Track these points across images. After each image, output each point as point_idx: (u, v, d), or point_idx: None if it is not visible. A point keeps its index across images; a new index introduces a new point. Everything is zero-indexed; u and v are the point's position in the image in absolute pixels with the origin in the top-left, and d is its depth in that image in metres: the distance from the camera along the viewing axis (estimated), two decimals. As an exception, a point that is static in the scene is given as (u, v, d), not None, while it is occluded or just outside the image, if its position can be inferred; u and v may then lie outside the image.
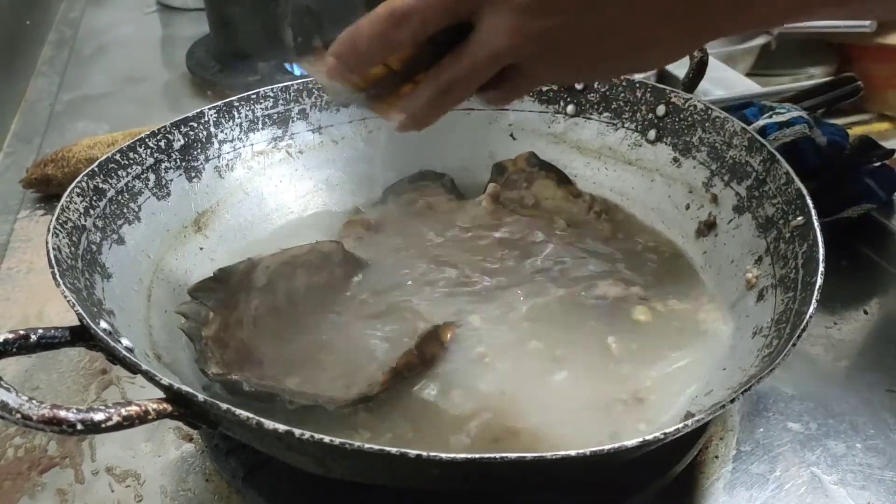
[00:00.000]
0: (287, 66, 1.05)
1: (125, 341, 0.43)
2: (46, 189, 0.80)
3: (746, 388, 0.39)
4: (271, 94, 0.66)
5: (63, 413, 0.33)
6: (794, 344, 0.40)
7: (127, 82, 1.10)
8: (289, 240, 0.62)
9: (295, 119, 0.67)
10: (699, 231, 0.59)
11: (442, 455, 0.34)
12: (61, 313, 0.65)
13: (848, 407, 0.54)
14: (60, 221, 0.48)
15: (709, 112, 0.60)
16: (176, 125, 0.61)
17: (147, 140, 0.58)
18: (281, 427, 0.35)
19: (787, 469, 0.50)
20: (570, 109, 0.68)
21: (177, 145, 0.60)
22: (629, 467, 0.42)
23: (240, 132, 0.64)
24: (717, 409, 0.39)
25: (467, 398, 0.49)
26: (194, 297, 0.52)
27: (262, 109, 0.66)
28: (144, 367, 0.38)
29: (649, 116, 0.64)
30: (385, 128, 0.70)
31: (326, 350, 0.53)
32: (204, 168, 0.62)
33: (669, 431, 0.37)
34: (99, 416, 0.34)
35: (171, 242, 0.58)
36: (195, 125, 0.62)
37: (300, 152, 0.67)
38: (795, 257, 0.48)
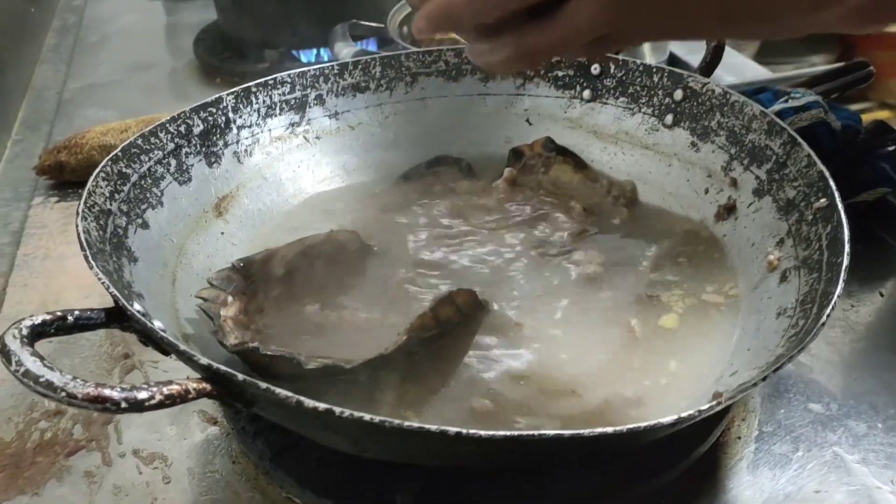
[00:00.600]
0: (294, 53, 1.05)
1: (157, 323, 0.43)
2: (60, 176, 0.80)
3: (778, 367, 0.39)
4: (288, 80, 0.66)
5: (107, 392, 0.34)
6: (824, 323, 0.41)
7: (134, 70, 1.10)
8: (307, 226, 0.63)
9: (312, 104, 0.67)
10: (719, 215, 0.59)
11: (481, 433, 0.35)
12: (80, 299, 0.66)
13: (867, 388, 0.54)
14: (88, 205, 0.48)
15: (727, 96, 0.60)
16: (195, 110, 0.61)
17: (168, 125, 0.58)
18: (321, 405, 0.35)
19: (810, 449, 0.50)
20: (587, 94, 0.68)
21: (196, 130, 0.60)
22: (656, 447, 0.42)
23: (258, 118, 0.65)
24: (749, 387, 0.39)
25: (489, 375, 0.49)
26: (213, 285, 0.53)
27: (280, 95, 0.66)
28: (182, 348, 0.38)
29: (666, 101, 0.64)
30: (401, 113, 0.70)
31: (345, 336, 0.53)
32: (223, 153, 0.62)
33: (703, 409, 0.38)
34: (142, 395, 0.35)
35: (193, 227, 0.58)
36: (214, 111, 0.62)
37: (317, 138, 0.67)
38: (819, 239, 0.49)
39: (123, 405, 0.34)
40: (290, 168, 0.66)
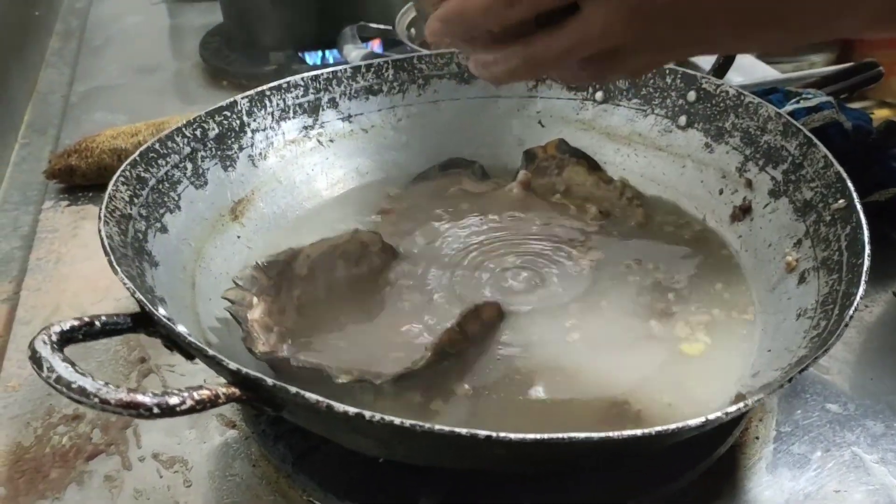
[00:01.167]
0: (300, 55, 1.05)
1: (181, 328, 0.43)
2: (70, 179, 0.80)
3: (803, 368, 0.39)
4: (301, 83, 0.66)
5: (140, 397, 0.34)
6: (847, 324, 0.41)
7: (140, 73, 1.10)
8: (324, 228, 0.63)
9: (325, 107, 0.67)
10: (734, 216, 0.59)
11: (511, 436, 0.35)
12: (94, 303, 0.66)
13: (884, 387, 0.55)
14: (109, 210, 0.48)
15: (741, 97, 0.61)
16: (210, 114, 0.61)
17: (183, 129, 0.58)
18: (351, 410, 0.35)
19: (828, 449, 0.51)
20: (599, 96, 0.68)
21: (211, 134, 0.61)
22: (677, 448, 0.43)
23: (272, 121, 0.65)
24: (776, 388, 0.39)
25: (508, 381, 0.50)
26: (238, 285, 0.53)
27: (293, 98, 0.66)
28: (211, 353, 0.38)
29: (679, 102, 0.65)
30: (414, 116, 0.70)
31: (368, 336, 0.53)
32: (238, 157, 0.62)
33: (731, 411, 0.38)
34: (174, 400, 0.35)
35: (210, 231, 0.58)
36: (228, 114, 0.62)
37: (331, 141, 0.67)
38: (838, 239, 0.49)
39: (156, 410, 0.34)
40: (304, 171, 0.66)
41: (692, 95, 0.64)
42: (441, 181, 0.68)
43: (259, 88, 0.64)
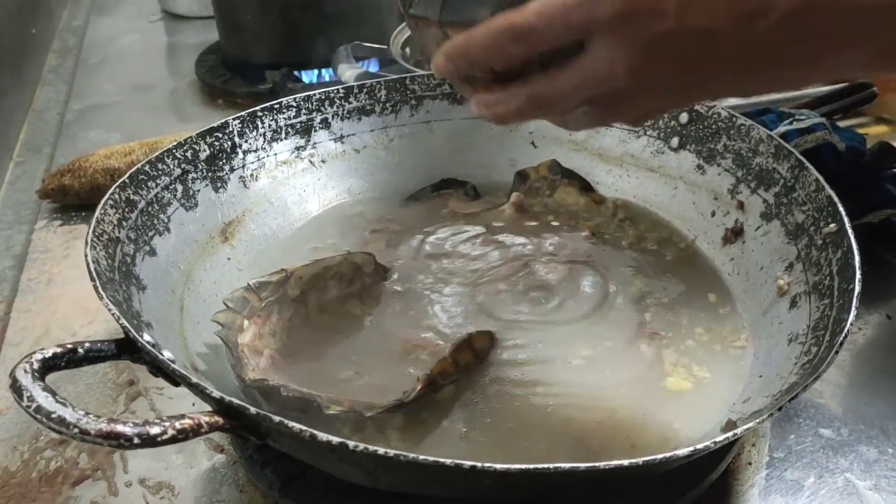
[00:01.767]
0: (296, 73, 1.05)
1: (167, 353, 0.43)
2: (63, 199, 0.80)
3: (793, 396, 0.39)
4: (294, 104, 0.66)
5: (120, 427, 0.33)
6: (838, 351, 0.41)
7: (136, 91, 1.10)
8: (314, 250, 0.63)
9: (317, 128, 0.67)
10: (726, 238, 0.59)
11: (496, 466, 0.34)
12: (84, 325, 0.65)
13: (877, 412, 0.54)
14: (96, 234, 0.48)
15: (733, 119, 0.60)
16: (202, 136, 0.61)
17: (174, 151, 0.58)
18: (335, 439, 0.35)
19: (821, 475, 0.50)
20: (592, 117, 0.68)
21: (203, 156, 0.60)
22: (669, 475, 0.42)
23: (263, 142, 0.65)
24: (765, 418, 0.39)
25: (501, 406, 0.49)
26: (228, 307, 0.52)
27: (285, 119, 0.66)
28: (195, 380, 0.38)
29: (672, 124, 0.64)
30: (407, 136, 0.70)
31: (359, 360, 0.53)
32: (229, 178, 0.62)
33: (719, 440, 0.37)
34: (154, 430, 0.34)
35: (200, 253, 0.58)
36: (220, 135, 0.62)
37: (323, 161, 0.67)
38: (829, 264, 0.49)
39: (136, 441, 0.34)
40: (296, 192, 0.66)
41: (684, 117, 0.64)
42: (433, 202, 0.68)
43: (251, 109, 0.64)
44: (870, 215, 0.66)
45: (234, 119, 0.63)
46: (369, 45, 0.95)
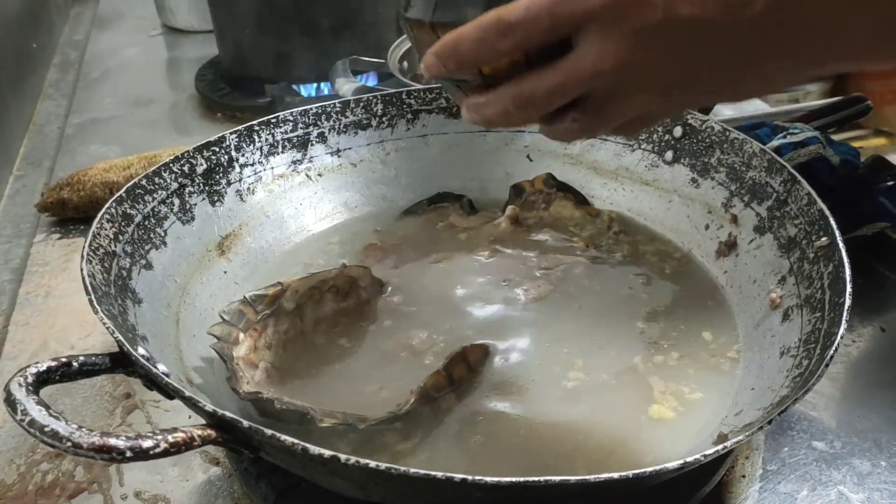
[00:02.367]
0: (294, 87, 1.06)
1: (161, 367, 0.43)
2: (62, 213, 0.80)
3: (783, 409, 0.39)
4: (290, 118, 0.67)
5: (113, 441, 0.34)
6: (828, 364, 0.41)
7: (135, 105, 1.11)
8: (310, 263, 0.63)
9: (314, 142, 0.68)
10: (720, 251, 0.59)
11: (487, 479, 0.35)
12: (82, 338, 0.66)
13: (871, 425, 0.54)
14: (92, 248, 0.48)
15: (727, 133, 0.61)
16: (199, 150, 0.61)
17: (171, 165, 0.59)
18: (326, 452, 0.35)
19: (814, 488, 0.50)
20: (587, 131, 0.68)
21: (199, 169, 0.61)
22: (661, 488, 0.42)
23: (260, 156, 0.65)
24: (754, 431, 0.39)
25: (492, 420, 0.49)
26: (224, 320, 0.53)
27: (282, 133, 0.66)
28: (188, 394, 0.38)
29: (666, 138, 0.65)
30: (403, 150, 0.70)
31: (354, 373, 0.53)
32: (226, 192, 0.63)
33: (709, 453, 0.38)
34: (147, 444, 0.35)
35: (196, 266, 0.58)
36: (217, 149, 0.62)
37: (319, 175, 0.68)
38: (821, 277, 0.49)
39: (129, 454, 0.34)
40: (293, 205, 0.66)
41: (678, 131, 0.64)
42: (429, 215, 0.68)
43: (248, 124, 0.65)
44: (864, 228, 0.66)
45: (231, 133, 0.63)
46: (367, 60, 0.96)
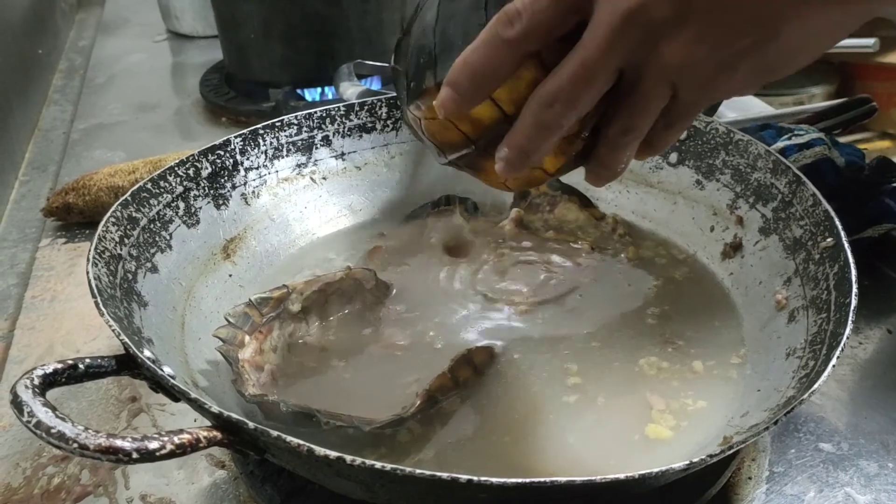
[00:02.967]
0: (299, 91, 1.06)
1: (167, 369, 0.43)
2: (67, 217, 0.80)
3: (789, 410, 0.39)
4: (295, 122, 0.67)
5: (119, 442, 0.34)
6: (834, 365, 0.41)
7: (141, 110, 1.11)
8: (316, 266, 0.63)
9: (318, 145, 0.68)
10: (725, 253, 0.59)
11: (493, 480, 0.35)
12: (88, 342, 0.66)
13: (877, 426, 0.54)
14: (98, 251, 0.48)
15: (731, 135, 0.61)
16: (203, 153, 0.61)
17: (176, 168, 0.59)
18: (332, 454, 0.35)
19: (821, 490, 0.50)
20: (591, 133, 0.68)
21: (204, 173, 0.61)
22: (667, 489, 0.42)
23: (265, 159, 0.65)
24: (760, 432, 0.39)
25: (499, 422, 0.49)
26: (230, 322, 0.53)
27: (287, 137, 0.66)
28: (194, 396, 0.38)
29: (670, 140, 0.65)
30: (407, 153, 0.70)
31: (359, 376, 0.53)
32: (231, 195, 0.63)
33: (715, 454, 0.38)
34: (153, 445, 0.35)
35: (202, 270, 0.58)
36: (222, 153, 0.63)
37: (324, 178, 0.68)
38: (826, 278, 0.49)
39: (135, 456, 0.34)
40: (297, 209, 0.66)
41: (683, 133, 0.64)
42: (434, 218, 0.68)
43: (252, 127, 0.65)
44: (870, 230, 0.66)
45: (236, 137, 0.63)
46: (371, 63, 0.96)
